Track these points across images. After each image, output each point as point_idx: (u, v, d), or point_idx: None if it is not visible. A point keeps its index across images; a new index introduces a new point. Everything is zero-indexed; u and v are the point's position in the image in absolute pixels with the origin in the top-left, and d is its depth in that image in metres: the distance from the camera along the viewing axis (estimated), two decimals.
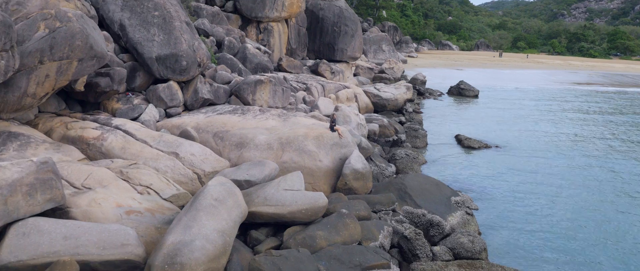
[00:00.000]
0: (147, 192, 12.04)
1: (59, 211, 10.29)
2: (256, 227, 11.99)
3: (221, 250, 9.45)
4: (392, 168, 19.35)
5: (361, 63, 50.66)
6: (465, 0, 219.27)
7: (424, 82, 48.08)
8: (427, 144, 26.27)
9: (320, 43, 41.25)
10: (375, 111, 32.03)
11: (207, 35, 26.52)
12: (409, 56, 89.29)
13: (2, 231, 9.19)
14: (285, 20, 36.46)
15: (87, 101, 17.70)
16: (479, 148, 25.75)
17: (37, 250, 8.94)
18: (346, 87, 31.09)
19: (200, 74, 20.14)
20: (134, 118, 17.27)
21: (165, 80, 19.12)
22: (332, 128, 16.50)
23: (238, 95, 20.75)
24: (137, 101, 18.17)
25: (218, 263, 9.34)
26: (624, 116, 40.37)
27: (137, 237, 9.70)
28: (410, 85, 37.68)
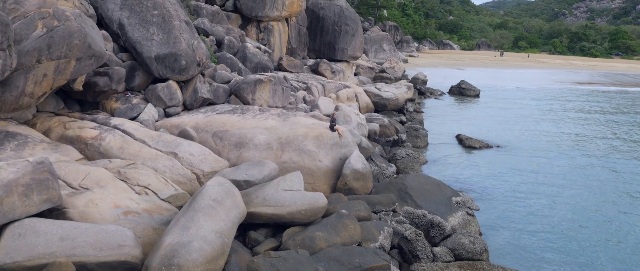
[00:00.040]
0: (145, 192, 11.94)
1: (56, 211, 10.21)
2: (255, 228, 11.89)
3: (219, 251, 9.35)
4: (393, 168, 19.23)
5: (362, 62, 50.57)
6: None
7: (425, 81, 48.02)
8: (428, 144, 26.15)
9: (320, 42, 41.13)
10: (375, 111, 31.92)
11: (207, 34, 26.41)
12: (410, 56, 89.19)
13: None
14: (285, 19, 36.36)
15: (86, 101, 17.63)
16: (480, 148, 25.63)
17: (33, 251, 8.85)
18: (347, 86, 30.99)
19: (199, 74, 20.04)
20: (133, 118, 17.19)
21: (164, 79, 19.02)
22: (332, 128, 16.38)
23: (238, 94, 20.64)
24: (136, 101, 18.07)
25: (216, 265, 9.24)
26: (626, 116, 40.23)
27: (134, 238, 9.60)
28: (411, 84, 37.59)
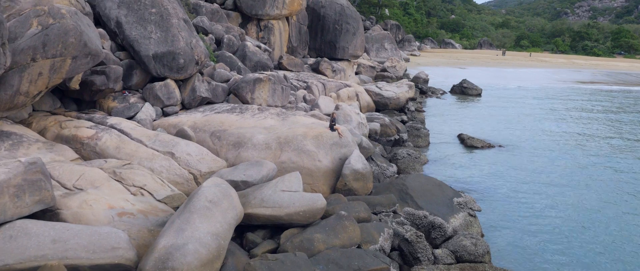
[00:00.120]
0: (141, 193, 11.73)
1: (49, 213, 10.00)
2: (252, 229, 11.68)
3: (215, 254, 9.14)
4: (394, 168, 18.99)
5: (363, 61, 50.32)
6: None
7: (427, 80, 47.80)
8: (429, 143, 25.93)
9: (321, 41, 40.89)
10: (376, 110, 31.67)
11: (206, 33, 26.19)
12: (412, 55, 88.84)
13: None
14: (286, 18, 36.14)
15: (83, 100, 17.43)
16: (482, 148, 25.40)
17: (24, 254, 8.64)
18: (347, 85, 30.77)
19: (198, 72, 19.82)
20: (130, 117, 16.99)
21: (162, 78, 18.81)
22: (332, 127, 16.16)
23: (237, 93, 20.42)
24: (134, 100, 17.87)
25: (212, 268, 9.03)
26: (628, 115, 39.95)
27: (129, 240, 9.39)
28: (412, 83, 37.32)
